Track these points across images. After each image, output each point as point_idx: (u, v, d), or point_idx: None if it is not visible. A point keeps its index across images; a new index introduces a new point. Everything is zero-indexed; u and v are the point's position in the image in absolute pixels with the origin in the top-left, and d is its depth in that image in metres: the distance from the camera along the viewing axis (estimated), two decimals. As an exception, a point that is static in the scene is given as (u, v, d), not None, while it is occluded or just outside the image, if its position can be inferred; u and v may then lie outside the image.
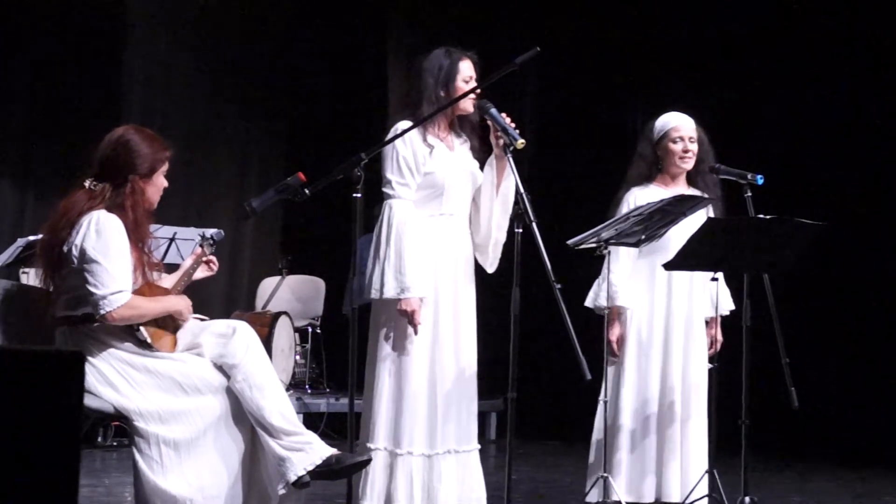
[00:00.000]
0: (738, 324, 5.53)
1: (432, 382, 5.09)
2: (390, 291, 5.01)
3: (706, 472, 5.62)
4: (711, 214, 5.73)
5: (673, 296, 5.76)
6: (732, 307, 5.92)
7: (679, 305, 5.76)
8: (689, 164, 5.81)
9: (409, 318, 5.02)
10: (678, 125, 5.80)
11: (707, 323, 5.85)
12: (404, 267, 5.00)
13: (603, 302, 5.73)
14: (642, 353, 5.75)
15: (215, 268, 5.01)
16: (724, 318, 5.91)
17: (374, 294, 5.05)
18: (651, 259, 5.71)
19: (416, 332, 5.04)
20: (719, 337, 5.87)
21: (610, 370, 5.76)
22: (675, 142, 5.79)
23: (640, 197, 5.75)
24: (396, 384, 5.08)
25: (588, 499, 5.68)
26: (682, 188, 5.80)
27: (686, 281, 5.76)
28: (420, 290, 5.02)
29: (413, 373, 5.07)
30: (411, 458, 5.05)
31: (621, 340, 5.76)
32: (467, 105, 5.16)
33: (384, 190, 5.13)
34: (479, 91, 5.11)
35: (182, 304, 4.71)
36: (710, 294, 5.70)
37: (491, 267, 5.34)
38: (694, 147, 5.80)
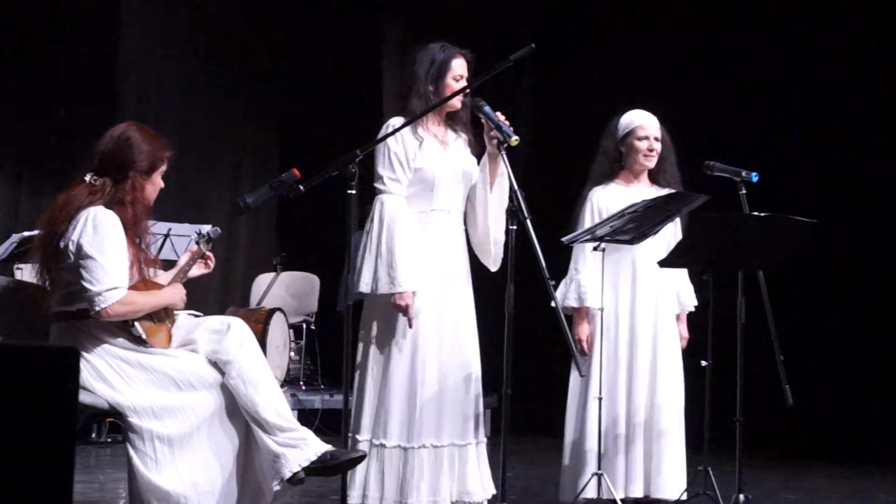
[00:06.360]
0: (733, 321, 5.53)
1: (413, 377, 5.09)
2: (383, 287, 5.02)
3: (700, 469, 5.63)
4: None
5: (637, 294, 5.77)
6: (696, 303, 5.93)
7: (644, 304, 5.76)
8: (653, 163, 5.87)
9: (404, 311, 5.05)
10: (644, 123, 5.85)
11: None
12: (396, 262, 5.02)
13: (572, 302, 5.75)
14: (610, 351, 5.74)
15: (212, 264, 5.01)
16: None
17: (366, 289, 5.07)
18: (616, 257, 5.72)
19: (410, 326, 5.06)
20: (684, 333, 5.90)
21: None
22: (640, 139, 5.84)
23: (602, 196, 5.83)
24: (379, 377, 5.12)
25: (582, 496, 5.68)
26: (644, 185, 5.86)
27: (651, 278, 5.75)
28: (411, 283, 5.03)
29: (394, 366, 5.10)
30: (384, 450, 5.08)
31: (590, 339, 5.76)
32: (454, 101, 5.17)
33: (376, 185, 5.15)
34: (469, 91, 5.11)
35: (176, 295, 4.70)
36: (675, 291, 5.76)
37: (494, 265, 5.32)
38: (658, 146, 5.86)
